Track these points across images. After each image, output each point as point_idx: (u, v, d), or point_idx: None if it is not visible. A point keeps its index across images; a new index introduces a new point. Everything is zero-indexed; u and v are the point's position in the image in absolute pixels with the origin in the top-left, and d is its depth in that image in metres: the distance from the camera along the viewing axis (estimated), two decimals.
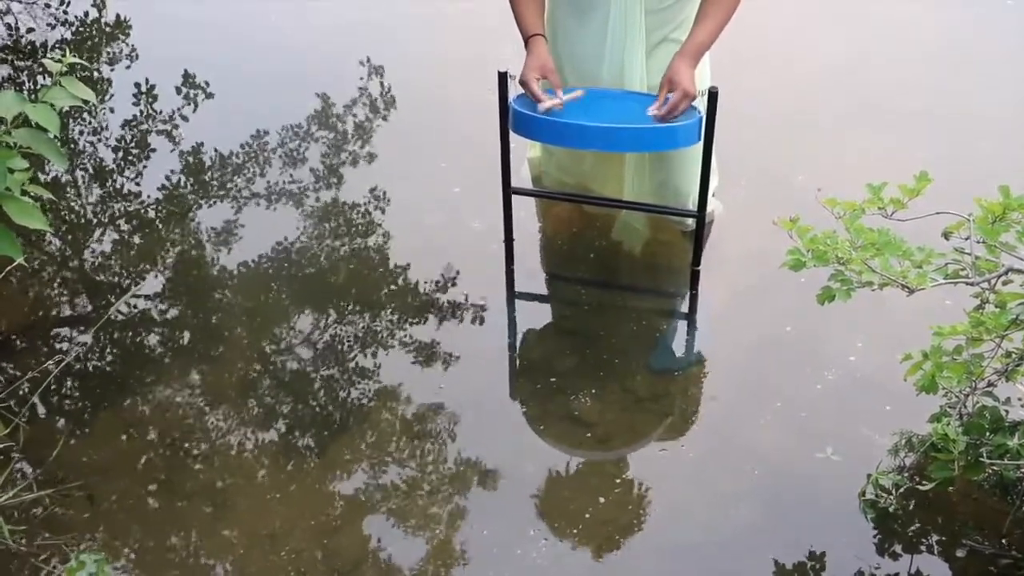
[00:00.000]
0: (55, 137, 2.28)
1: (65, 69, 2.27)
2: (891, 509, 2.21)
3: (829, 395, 2.57)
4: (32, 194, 2.38)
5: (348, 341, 2.80)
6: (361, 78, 4.09)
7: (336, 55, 4.27)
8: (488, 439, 2.50)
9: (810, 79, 4.00)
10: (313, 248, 3.18)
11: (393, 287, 3.01)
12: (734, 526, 2.25)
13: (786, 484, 2.35)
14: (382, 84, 4.05)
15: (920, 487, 2.15)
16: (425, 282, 3.00)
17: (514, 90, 2.66)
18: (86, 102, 2.38)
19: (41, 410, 2.58)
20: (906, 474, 2.22)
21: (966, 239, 1.99)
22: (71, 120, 3.82)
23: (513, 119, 2.65)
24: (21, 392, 2.56)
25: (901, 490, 2.15)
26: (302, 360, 2.75)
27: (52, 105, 2.36)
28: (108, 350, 2.81)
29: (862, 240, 1.86)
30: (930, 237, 2.02)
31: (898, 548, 2.20)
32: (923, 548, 2.20)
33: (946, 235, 2.04)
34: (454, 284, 2.99)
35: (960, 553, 2.17)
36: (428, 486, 2.38)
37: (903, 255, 1.93)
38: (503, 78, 2.62)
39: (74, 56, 2.30)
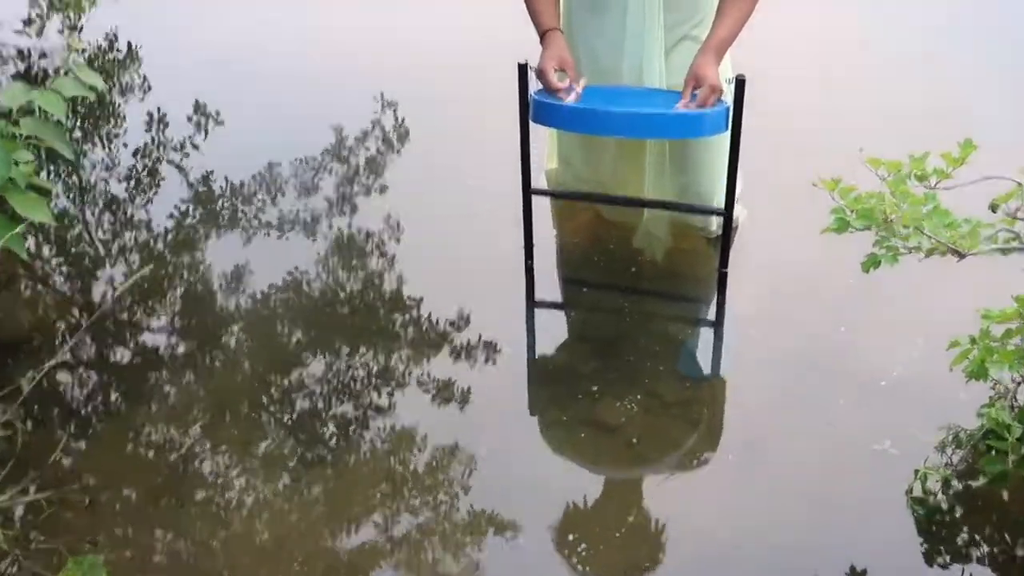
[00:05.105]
0: (59, 121, 2.22)
1: (76, 55, 2.22)
2: (940, 507, 2.08)
3: (868, 397, 2.45)
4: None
5: (365, 345, 2.71)
6: (377, 100, 4.05)
7: (360, 76, 4.22)
8: (510, 446, 2.38)
9: (834, 78, 3.96)
10: (326, 244, 3.12)
11: (412, 298, 2.91)
12: (776, 531, 2.11)
13: (828, 485, 2.22)
14: (396, 116, 4.00)
15: (970, 484, 2.04)
16: (445, 292, 2.90)
17: (533, 84, 2.60)
18: (97, 92, 2.33)
19: (40, 413, 2.48)
20: (954, 469, 2.09)
21: (1016, 211, 1.90)
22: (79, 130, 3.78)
23: (534, 108, 2.57)
24: (21, 395, 2.47)
25: (950, 487, 2.03)
26: (310, 368, 2.64)
27: (60, 93, 2.31)
28: (111, 355, 2.72)
29: (907, 204, 1.77)
30: (973, 213, 1.93)
31: (947, 548, 2.05)
32: (973, 548, 2.06)
33: (993, 207, 1.94)
34: (472, 288, 2.91)
35: (1021, 552, 2.03)
36: (447, 489, 2.26)
37: (949, 226, 1.84)
38: (523, 70, 2.56)
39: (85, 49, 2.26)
